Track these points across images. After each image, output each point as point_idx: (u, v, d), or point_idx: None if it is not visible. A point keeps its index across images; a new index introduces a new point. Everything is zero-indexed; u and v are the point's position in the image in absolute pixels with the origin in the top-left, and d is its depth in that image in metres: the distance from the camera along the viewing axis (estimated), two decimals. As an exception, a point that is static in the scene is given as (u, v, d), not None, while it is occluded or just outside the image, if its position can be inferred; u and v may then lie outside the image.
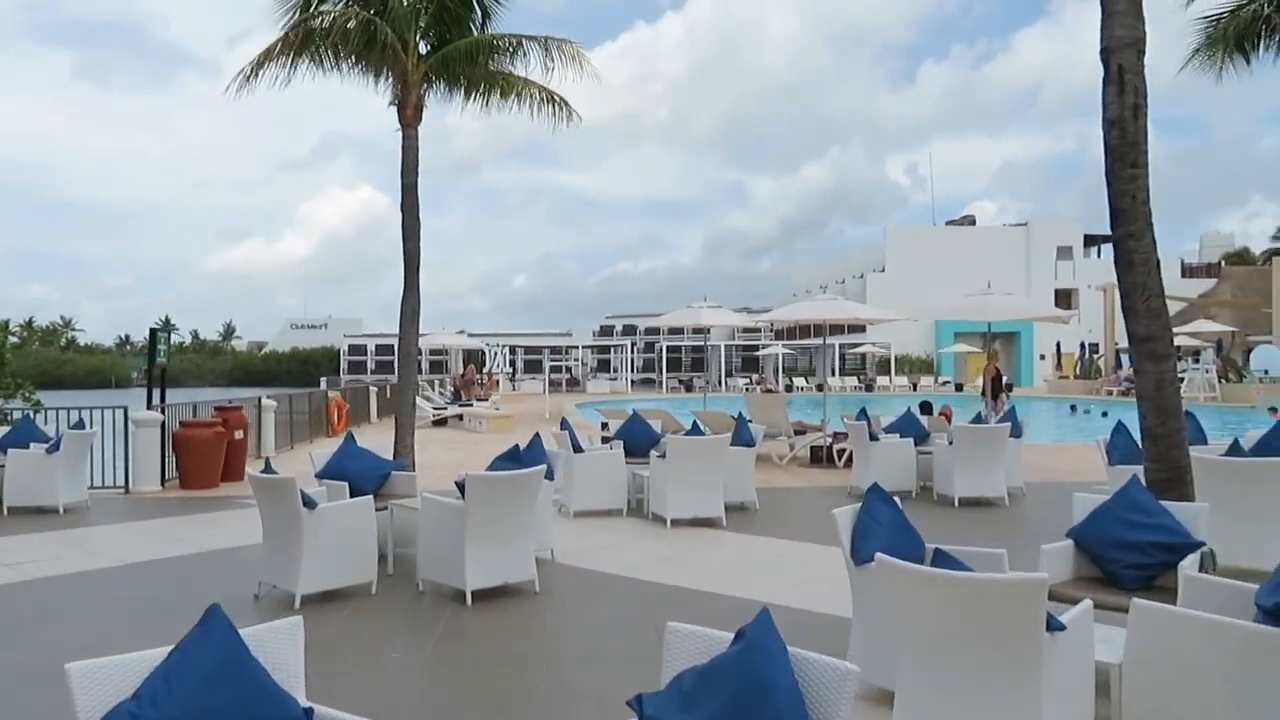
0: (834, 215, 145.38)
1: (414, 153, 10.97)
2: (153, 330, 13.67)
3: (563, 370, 55.99)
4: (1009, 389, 17.35)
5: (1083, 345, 48.23)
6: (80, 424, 11.85)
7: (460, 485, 6.73)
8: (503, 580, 6.76)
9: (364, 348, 58.61)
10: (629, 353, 55.79)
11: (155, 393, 13.40)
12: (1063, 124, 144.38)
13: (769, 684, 2.54)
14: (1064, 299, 52.81)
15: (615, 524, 9.69)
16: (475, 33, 11.21)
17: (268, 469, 6.98)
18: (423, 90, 10.97)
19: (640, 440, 10.93)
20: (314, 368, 64.26)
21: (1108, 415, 28.17)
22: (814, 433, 15.35)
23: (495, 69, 11.51)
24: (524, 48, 11.30)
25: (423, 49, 11.15)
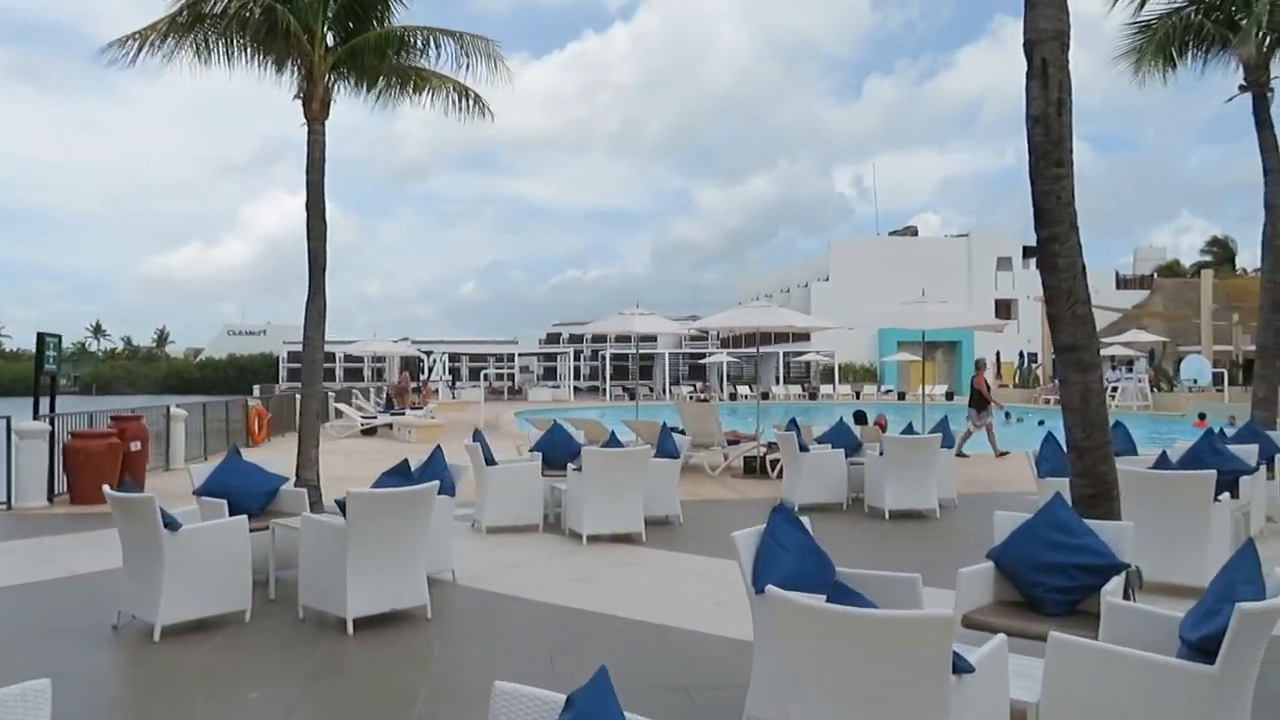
0: (782, 226, 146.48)
1: (320, 149, 10.35)
2: (40, 335, 12.79)
3: (504, 378, 55.24)
4: (985, 402, 17.19)
5: (1022, 354, 48.84)
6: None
7: (341, 504, 6.16)
8: (390, 606, 6.21)
9: (301, 355, 57.15)
10: (572, 361, 55.21)
11: (44, 402, 12.52)
12: (1004, 139, 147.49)
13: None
14: (1004, 309, 53.51)
15: (528, 541, 9.16)
16: (386, 25, 10.64)
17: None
18: (330, 83, 10.36)
19: (560, 451, 10.42)
20: (252, 375, 62.51)
21: (1044, 424, 28.37)
22: (748, 442, 14.98)
23: (407, 64, 10.96)
24: (437, 42, 10.75)
25: (330, 41, 10.55)
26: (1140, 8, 13.48)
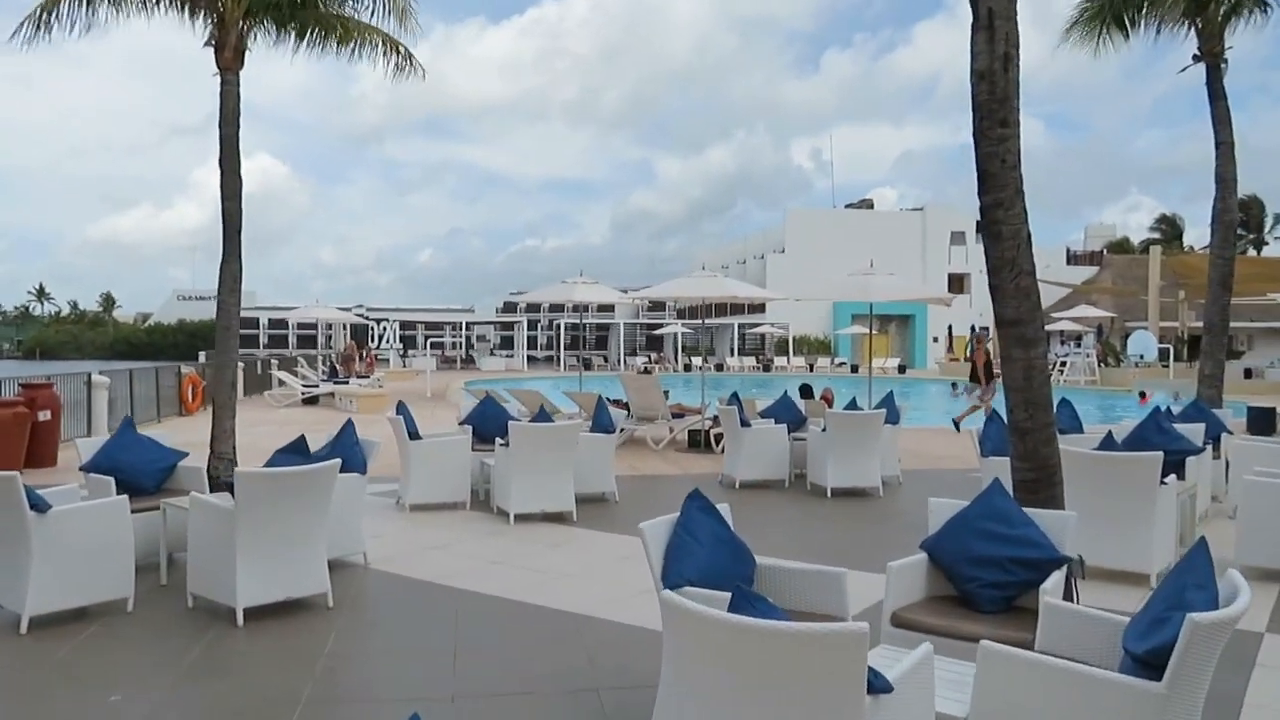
0: (739, 197, 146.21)
1: (234, 100, 9.65)
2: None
3: (458, 347, 54.37)
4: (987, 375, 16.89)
5: (973, 328, 49.06)
6: None
7: (229, 485, 5.65)
8: (285, 595, 5.72)
9: (256, 321, 55.57)
10: (526, 330, 54.46)
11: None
12: (959, 115, 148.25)
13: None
14: (957, 283, 53.75)
15: (453, 520, 8.71)
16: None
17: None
18: (243, 29, 9.64)
19: (492, 425, 9.94)
20: (202, 341, 60.61)
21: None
22: (693, 416, 14.62)
23: (330, 12, 10.27)
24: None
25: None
26: None
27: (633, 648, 5.18)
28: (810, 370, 44.82)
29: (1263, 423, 12.84)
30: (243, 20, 9.58)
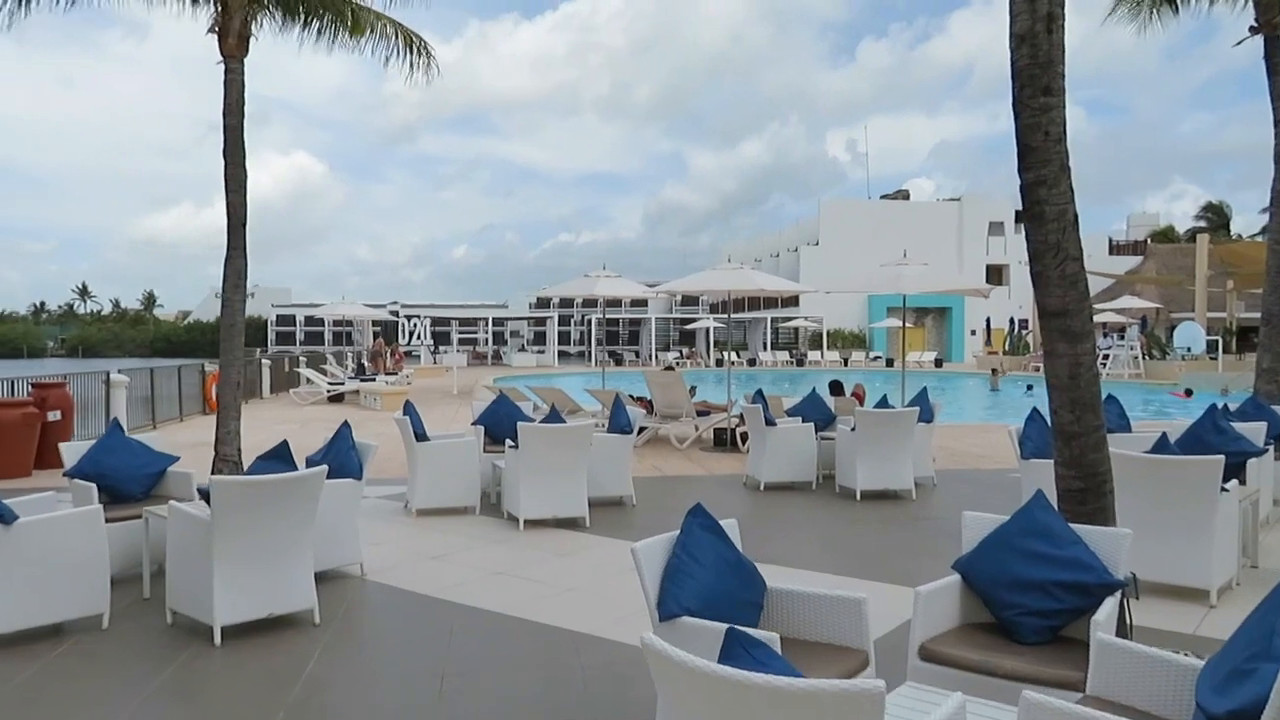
0: (774, 190, 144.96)
1: (238, 89, 9.32)
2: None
3: (489, 343, 54.18)
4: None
5: (1012, 321, 47.91)
6: None
7: (204, 493, 5.28)
8: (268, 611, 5.35)
9: (292, 318, 55.87)
10: (557, 325, 54.12)
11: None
12: (995, 103, 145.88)
13: None
14: (995, 274, 52.56)
15: (460, 525, 8.31)
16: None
17: None
18: (248, 16, 9.30)
19: (505, 425, 9.50)
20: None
21: (1033, 389, 27.53)
22: (718, 413, 14.13)
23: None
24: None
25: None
26: None
27: (630, 672, 4.72)
28: (845, 365, 44.04)
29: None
30: (246, 5, 9.22)
